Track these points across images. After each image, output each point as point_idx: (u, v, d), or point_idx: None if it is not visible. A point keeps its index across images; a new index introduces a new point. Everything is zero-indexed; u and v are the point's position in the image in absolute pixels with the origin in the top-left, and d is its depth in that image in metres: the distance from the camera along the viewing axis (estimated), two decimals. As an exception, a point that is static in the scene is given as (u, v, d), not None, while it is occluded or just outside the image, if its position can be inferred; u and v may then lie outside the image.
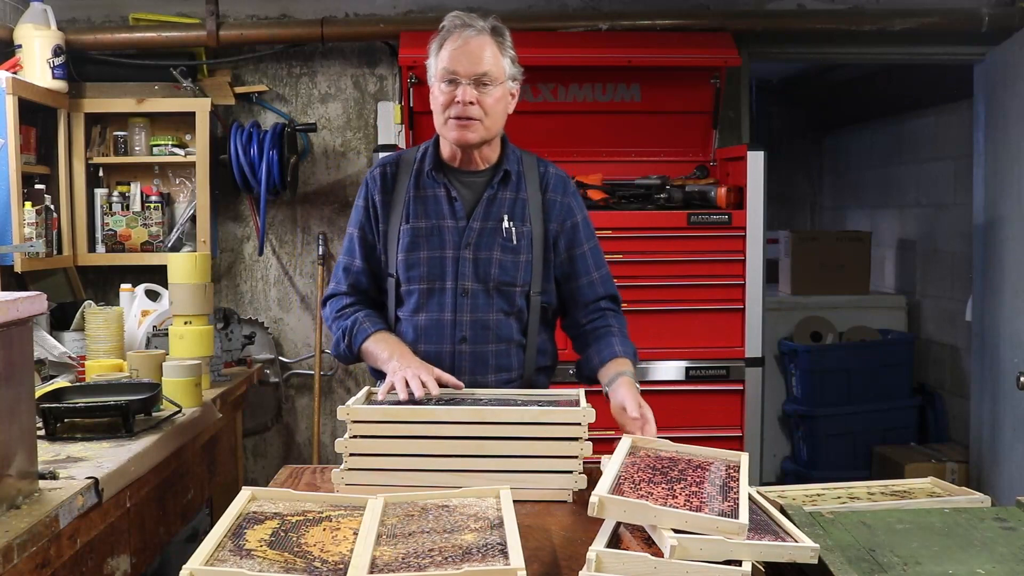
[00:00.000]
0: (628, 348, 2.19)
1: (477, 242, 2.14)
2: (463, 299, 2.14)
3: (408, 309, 2.17)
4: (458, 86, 2.07)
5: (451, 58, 2.07)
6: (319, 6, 3.99)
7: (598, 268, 2.25)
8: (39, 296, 1.81)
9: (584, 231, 2.24)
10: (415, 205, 2.17)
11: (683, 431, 3.11)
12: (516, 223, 2.16)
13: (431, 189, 2.18)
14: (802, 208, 7.08)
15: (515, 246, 2.15)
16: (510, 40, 2.15)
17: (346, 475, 1.79)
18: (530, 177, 2.21)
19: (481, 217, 2.16)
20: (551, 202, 2.21)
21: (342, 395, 4.14)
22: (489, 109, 2.08)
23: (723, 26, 3.90)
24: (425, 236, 2.15)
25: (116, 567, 2.21)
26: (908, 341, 5.12)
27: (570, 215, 2.22)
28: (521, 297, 2.17)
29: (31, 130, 3.64)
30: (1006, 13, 3.92)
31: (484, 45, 2.08)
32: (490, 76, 2.07)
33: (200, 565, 1.22)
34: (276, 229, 4.12)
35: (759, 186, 3.45)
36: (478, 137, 2.10)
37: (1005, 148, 3.96)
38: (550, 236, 2.20)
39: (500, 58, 2.10)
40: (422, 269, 2.15)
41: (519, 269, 2.16)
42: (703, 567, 1.25)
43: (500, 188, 2.18)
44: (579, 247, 2.23)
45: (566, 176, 2.27)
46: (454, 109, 2.08)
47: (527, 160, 2.24)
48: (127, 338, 3.34)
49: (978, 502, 1.65)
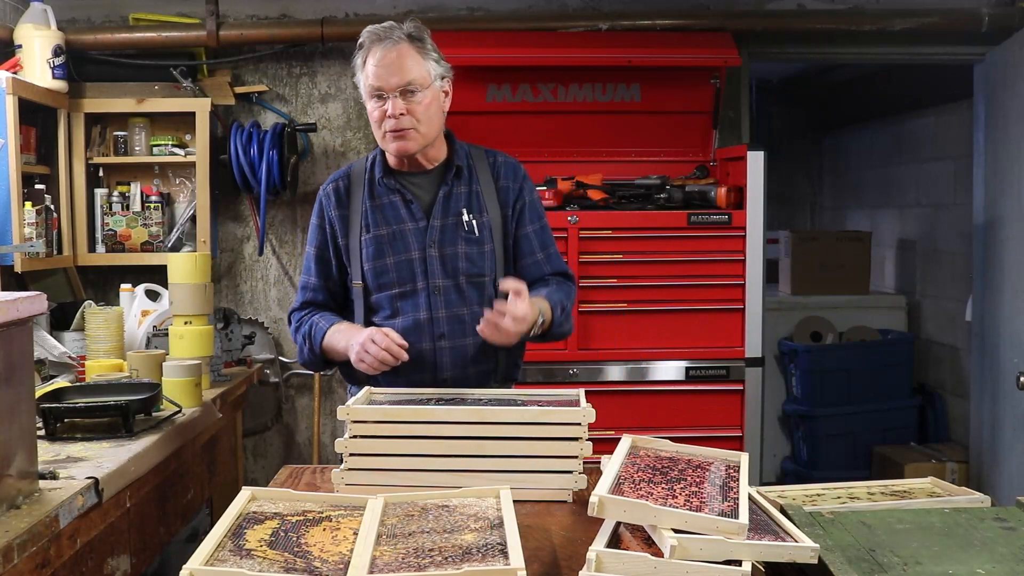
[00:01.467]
0: (556, 297, 2.17)
1: (440, 239, 2.18)
2: (436, 297, 2.17)
3: (383, 315, 2.20)
4: (386, 100, 2.12)
5: (375, 74, 2.11)
6: (319, 6, 3.99)
7: (544, 248, 2.28)
8: (39, 296, 1.81)
9: (530, 212, 2.27)
10: (373, 214, 2.21)
11: (683, 431, 3.12)
12: (475, 215, 2.20)
13: (386, 196, 2.22)
14: (802, 208, 7.08)
15: (478, 237, 2.19)
16: (431, 41, 2.17)
17: (346, 475, 1.79)
18: (480, 168, 2.25)
19: (440, 214, 2.19)
20: (504, 189, 2.25)
21: (342, 395, 4.14)
22: (421, 116, 2.12)
23: (723, 26, 3.90)
24: (389, 242, 2.18)
25: (116, 567, 2.21)
26: (908, 341, 5.12)
27: (519, 198, 2.26)
28: (491, 286, 2.21)
29: (31, 130, 3.64)
30: (1006, 13, 3.92)
31: (404, 55, 2.11)
32: (415, 83, 2.11)
33: (200, 565, 1.22)
34: (276, 229, 4.12)
35: (759, 186, 3.45)
36: (416, 145, 2.15)
37: (1005, 148, 3.96)
38: (508, 223, 2.24)
39: (423, 63, 2.13)
40: (391, 275, 2.18)
41: (485, 259, 2.20)
42: (703, 567, 1.25)
43: (454, 183, 2.22)
44: (523, 228, 2.26)
45: (516, 162, 2.31)
46: (388, 123, 2.13)
47: (475, 152, 2.28)
48: (127, 338, 3.34)
49: (978, 502, 1.65)
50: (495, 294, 2.19)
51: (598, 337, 3.44)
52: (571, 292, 2.29)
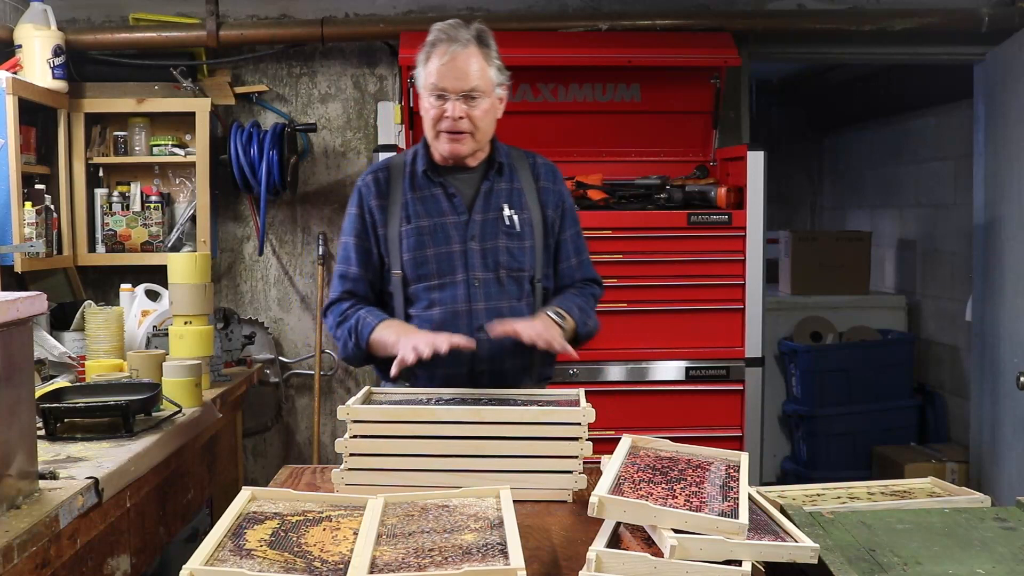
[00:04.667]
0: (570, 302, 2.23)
1: (482, 233, 2.19)
2: (476, 289, 2.18)
3: (421, 305, 2.20)
4: (447, 101, 2.12)
5: (439, 74, 2.12)
6: (319, 6, 3.99)
7: (578, 254, 2.33)
8: (39, 296, 1.81)
9: (569, 217, 2.32)
10: (414, 206, 2.21)
11: (683, 431, 3.12)
12: (516, 211, 2.22)
13: (428, 189, 2.22)
14: (802, 208, 7.08)
15: (519, 232, 2.21)
16: (495, 46, 2.19)
17: (346, 475, 1.79)
18: (521, 167, 2.28)
19: (481, 209, 2.21)
20: (544, 189, 2.28)
21: (342, 395, 4.14)
22: (479, 122, 2.15)
23: (723, 26, 3.90)
24: (429, 233, 2.19)
25: (116, 567, 2.21)
26: (908, 341, 5.12)
27: (561, 201, 2.30)
28: (528, 282, 2.23)
29: (31, 130, 3.64)
30: (1006, 13, 3.92)
31: (471, 58, 2.12)
32: (478, 90, 2.13)
33: (200, 565, 1.22)
34: (276, 229, 4.12)
35: (759, 186, 3.45)
36: (469, 149, 2.18)
37: (1005, 148, 3.96)
38: (548, 222, 2.26)
39: (487, 69, 2.15)
40: (431, 265, 2.18)
41: (525, 254, 2.21)
42: (703, 567, 1.25)
43: (495, 180, 2.24)
44: (563, 232, 2.31)
45: (554, 165, 2.34)
46: (444, 123, 2.14)
47: (514, 153, 2.31)
48: (127, 338, 3.34)
49: (978, 502, 1.65)
50: (533, 290, 2.23)
51: (598, 337, 3.39)
52: (588, 294, 2.32)
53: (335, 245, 4.11)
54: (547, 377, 2.31)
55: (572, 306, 2.21)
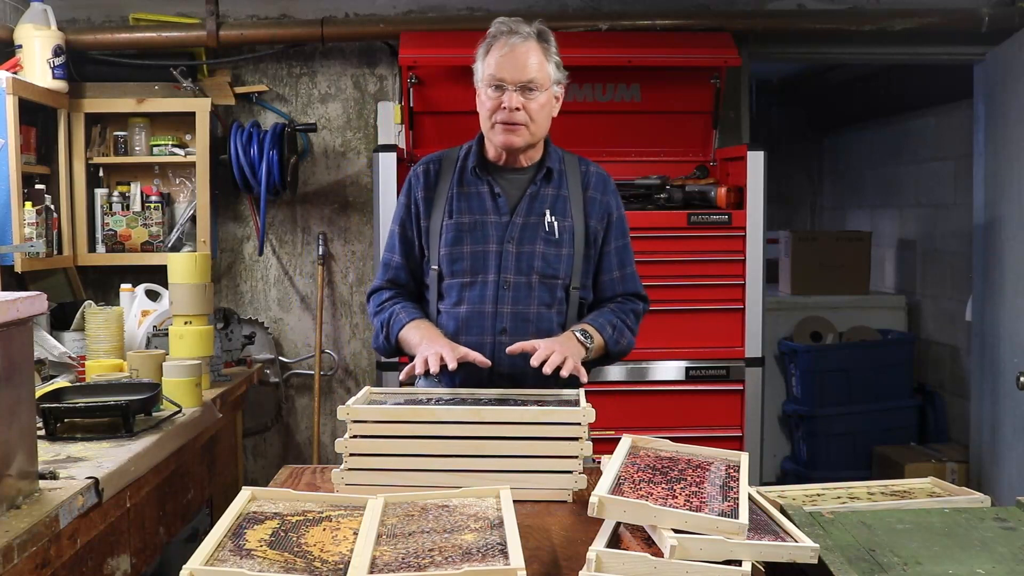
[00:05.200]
0: (603, 319, 2.21)
1: (520, 236, 2.19)
2: (504, 292, 2.17)
3: (450, 302, 2.20)
4: (504, 92, 2.12)
5: (498, 65, 2.12)
6: (319, 6, 3.99)
7: (622, 267, 2.30)
8: (39, 296, 1.81)
9: (616, 229, 2.29)
10: (458, 201, 2.21)
11: (683, 431, 3.12)
12: (558, 218, 2.21)
13: (475, 186, 2.23)
14: (802, 208, 7.08)
15: (557, 239, 2.20)
16: (555, 45, 2.19)
17: (346, 475, 1.79)
18: (571, 175, 2.26)
19: (524, 212, 2.20)
20: (592, 200, 2.26)
21: (342, 395, 4.14)
22: (535, 115, 2.14)
23: (723, 26, 3.90)
24: (468, 231, 2.19)
25: (116, 567, 2.21)
26: (908, 341, 5.12)
27: (608, 213, 2.28)
28: (561, 290, 2.21)
29: (31, 130, 3.64)
30: (1006, 13, 3.92)
31: (530, 51, 2.13)
32: (536, 82, 2.13)
33: (200, 565, 1.22)
34: (276, 229, 4.12)
35: (759, 186, 3.45)
36: (523, 141, 2.16)
37: (1005, 148, 3.96)
38: (591, 233, 2.24)
39: (546, 64, 2.15)
40: (465, 263, 2.18)
41: (561, 262, 2.20)
42: (703, 567, 1.25)
43: (543, 184, 2.23)
44: (608, 244, 2.28)
45: (607, 175, 2.33)
46: (500, 114, 2.13)
47: (569, 159, 2.29)
48: (127, 338, 3.34)
49: (978, 502, 1.65)
50: (567, 298, 2.21)
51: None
52: (629, 309, 2.28)
53: (335, 245, 4.11)
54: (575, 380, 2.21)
55: (605, 323, 2.20)
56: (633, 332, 2.28)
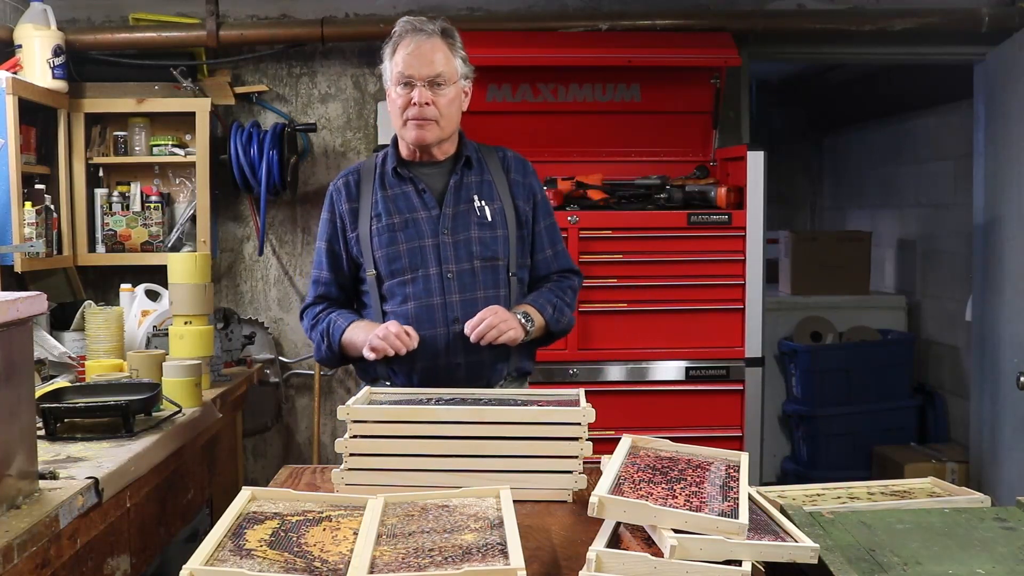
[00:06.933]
0: (543, 299, 2.25)
1: (454, 225, 2.22)
2: (449, 281, 2.20)
3: (395, 302, 2.22)
4: (413, 88, 2.16)
5: (405, 62, 2.16)
6: (319, 6, 3.99)
7: (553, 245, 2.35)
8: (39, 296, 1.81)
9: (542, 209, 2.34)
10: (385, 204, 2.24)
11: (683, 431, 3.12)
12: (487, 201, 2.25)
13: (398, 187, 2.26)
14: (802, 208, 7.08)
15: (491, 222, 2.24)
16: (460, 41, 2.24)
17: (346, 475, 1.79)
18: (490, 160, 2.31)
19: (452, 202, 2.23)
20: (515, 182, 2.30)
21: (342, 395, 4.14)
22: (444, 109, 2.18)
23: (723, 26, 3.90)
24: (401, 229, 2.22)
25: (116, 567, 2.21)
26: (908, 341, 5.12)
27: (532, 194, 2.32)
28: (504, 272, 2.24)
29: (31, 130, 3.64)
30: (1006, 13, 3.92)
31: (436, 48, 2.17)
32: (443, 77, 2.17)
33: (200, 565, 1.22)
34: (276, 229, 4.12)
35: (759, 186, 3.45)
36: (435, 137, 2.20)
37: (1005, 148, 3.96)
38: (521, 214, 2.28)
39: (452, 59, 2.19)
40: (404, 260, 2.21)
41: (499, 243, 2.23)
42: (703, 567, 1.25)
43: (464, 172, 2.27)
44: (537, 224, 2.33)
45: (524, 158, 2.37)
46: (411, 111, 2.17)
47: (484, 148, 2.34)
48: (127, 338, 3.34)
49: (978, 502, 1.65)
50: (508, 279, 2.24)
51: (598, 337, 3.44)
52: (566, 287, 2.33)
53: (335, 245, 4.10)
54: (527, 372, 2.32)
55: (545, 304, 2.24)
56: (571, 308, 2.33)
